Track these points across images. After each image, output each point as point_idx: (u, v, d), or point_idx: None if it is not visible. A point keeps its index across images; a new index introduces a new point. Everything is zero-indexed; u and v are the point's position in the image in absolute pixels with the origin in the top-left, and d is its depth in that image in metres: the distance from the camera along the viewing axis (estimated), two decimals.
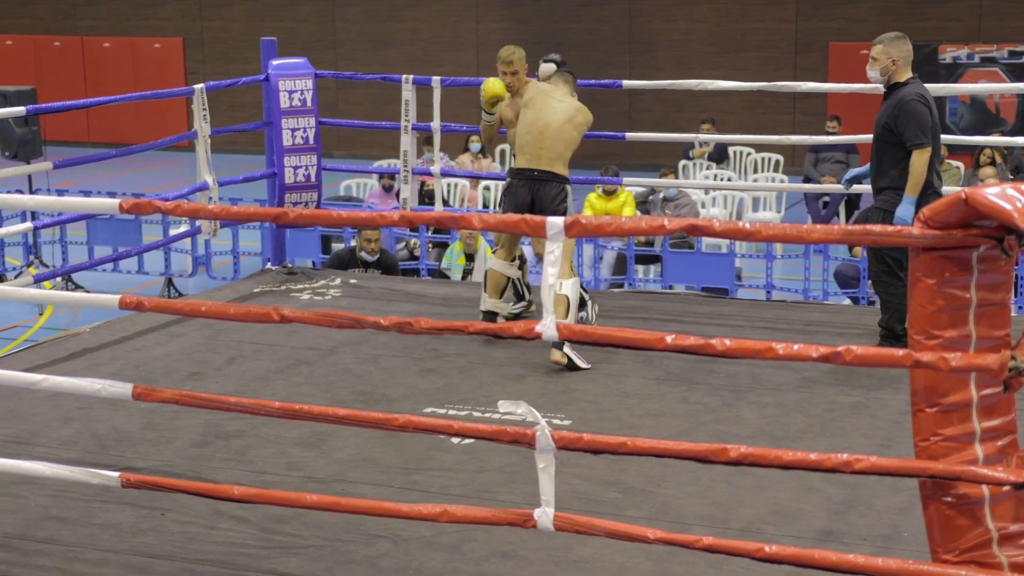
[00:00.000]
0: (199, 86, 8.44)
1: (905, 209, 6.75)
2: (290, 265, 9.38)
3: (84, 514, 4.96)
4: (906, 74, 6.85)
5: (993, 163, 12.59)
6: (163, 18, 22.47)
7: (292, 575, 4.48)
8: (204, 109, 8.43)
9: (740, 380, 6.57)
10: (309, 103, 8.85)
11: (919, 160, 6.71)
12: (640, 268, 11.51)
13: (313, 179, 8.91)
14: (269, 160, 9.02)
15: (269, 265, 9.40)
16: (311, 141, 8.88)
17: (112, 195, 11.58)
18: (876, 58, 6.81)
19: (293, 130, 8.83)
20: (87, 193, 12.94)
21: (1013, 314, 3.67)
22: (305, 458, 5.56)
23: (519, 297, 7.69)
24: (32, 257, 12.51)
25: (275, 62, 8.89)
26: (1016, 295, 9.72)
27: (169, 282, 12.22)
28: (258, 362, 7.01)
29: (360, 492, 5.10)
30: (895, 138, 6.78)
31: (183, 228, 9.94)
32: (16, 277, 11.27)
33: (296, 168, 8.85)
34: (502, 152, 18.52)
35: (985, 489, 3.37)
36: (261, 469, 5.43)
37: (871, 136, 8.51)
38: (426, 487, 5.21)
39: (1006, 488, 3.33)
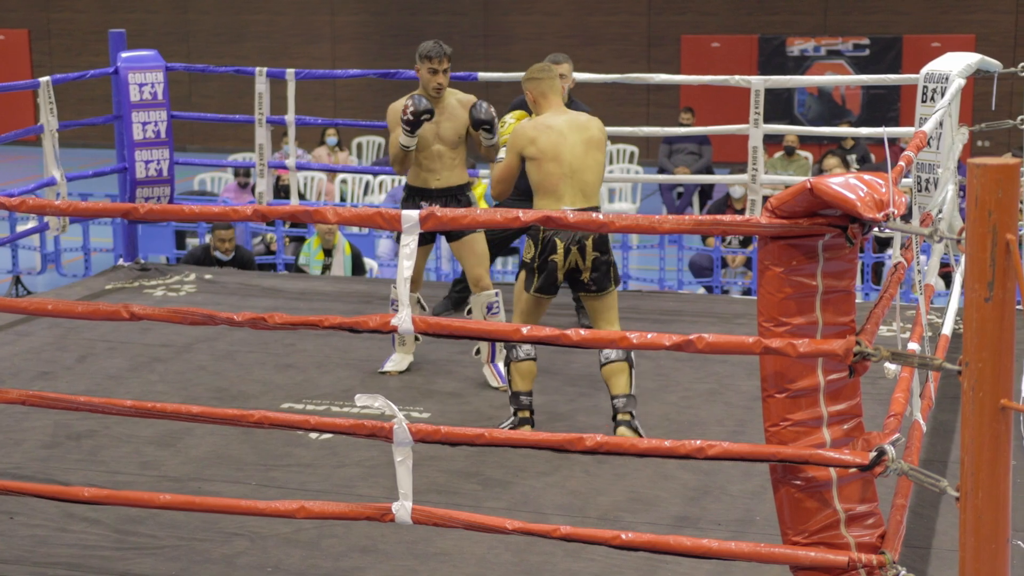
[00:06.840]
0: (45, 79, 8.23)
1: None
2: (143, 261, 9.21)
3: None
4: None
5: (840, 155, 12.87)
6: (8, 8, 21.84)
7: None
8: (51, 102, 8.23)
9: (597, 370, 6.63)
10: (160, 96, 8.69)
11: None
12: (499, 260, 11.54)
13: (165, 173, 8.76)
14: (120, 155, 8.85)
15: (121, 261, 9.22)
16: (163, 135, 8.72)
17: None
18: (566, 75, 6.88)
19: (144, 124, 8.66)
20: None
21: (858, 301, 3.76)
22: (160, 457, 5.47)
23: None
24: None
25: (124, 55, 8.71)
26: (861, 282, 10.00)
27: (17, 280, 11.88)
28: (111, 360, 6.87)
29: (217, 490, 5.04)
30: None
31: (31, 224, 9.69)
32: None
33: (148, 162, 8.69)
34: (357, 145, 18.45)
35: (832, 472, 3.45)
36: (114, 469, 5.32)
37: (724, 127, 8.84)
38: (284, 484, 5.17)
39: (852, 470, 3.42)
